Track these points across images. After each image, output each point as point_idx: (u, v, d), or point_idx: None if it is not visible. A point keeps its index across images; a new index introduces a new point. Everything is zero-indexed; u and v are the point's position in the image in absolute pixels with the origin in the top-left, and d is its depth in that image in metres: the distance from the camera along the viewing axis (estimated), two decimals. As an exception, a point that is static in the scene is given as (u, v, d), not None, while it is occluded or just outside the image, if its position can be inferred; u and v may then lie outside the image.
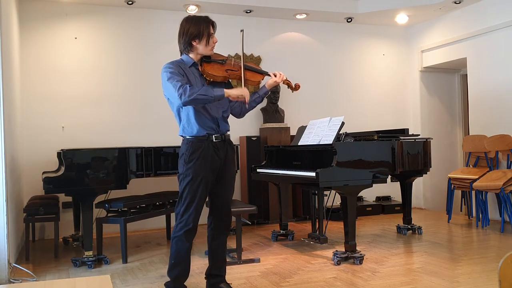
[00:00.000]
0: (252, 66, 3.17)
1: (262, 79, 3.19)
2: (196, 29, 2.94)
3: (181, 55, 3.06)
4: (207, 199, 3.08)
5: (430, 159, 4.95)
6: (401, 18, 6.81)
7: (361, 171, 4.06)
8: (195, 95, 2.78)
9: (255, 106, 3.21)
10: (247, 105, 3.04)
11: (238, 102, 3.14)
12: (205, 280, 3.22)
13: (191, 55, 3.01)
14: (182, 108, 2.96)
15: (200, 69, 3.02)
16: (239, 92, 2.93)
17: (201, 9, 6.08)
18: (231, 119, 3.23)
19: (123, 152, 4.33)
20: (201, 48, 2.97)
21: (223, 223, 3.14)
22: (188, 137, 2.98)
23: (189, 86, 2.80)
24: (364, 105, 7.11)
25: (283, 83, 3.19)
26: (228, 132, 3.12)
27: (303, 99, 6.75)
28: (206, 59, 3.05)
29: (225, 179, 3.08)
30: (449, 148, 7.33)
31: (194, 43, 2.96)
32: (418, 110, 7.23)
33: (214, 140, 2.98)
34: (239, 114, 3.23)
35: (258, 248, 4.73)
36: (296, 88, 3.30)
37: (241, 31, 3.14)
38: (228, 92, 2.90)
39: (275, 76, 3.11)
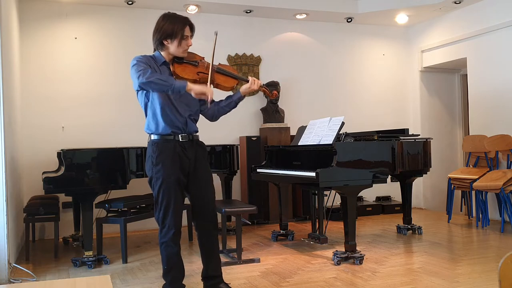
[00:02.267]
0: (226, 70, 3.03)
1: (236, 84, 3.08)
2: (170, 28, 2.86)
3: (154, 52, 2.99)
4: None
5: (430, 159, 4.95)
6: (401, 18, 6.80)
7: (361, 171, 4.06)
8: (154, 78, 2.70)
9: (228, 111, 3.10)
10: (208, 105, 2.89)
11: (211, 105, 3.04)
12: (202, 283, 3.14)
13: (162, 53, 2.93)
14: (148, 100, 2.88)
15: (171, 69, 2.94)
16: (203, 89, 2.79)
17: (201, 9, 6.08)
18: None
19: (123, 152, 4.33)
20: (172, 48, 2.89)
21: (209, 224, 3.03)
22: (153, 137, 2.91)
23: (151, 71, 2.74)
24: (364, 105, 7.11)
25: (260, 90, 3.08)
26: (197, 133, 3.03)
27: (303, 99, 6.75)
28: (178, 59, 2.95)
29: (199, 180, 2.98)
30: (449, 148, 7.33)
31: (165, 43, 2.88)
32: (418, 110, 7.23)
33: (180, 140, 2.90)
34: (212, 117, 3.12)
35: (258, 248, 4.73)
36: (273, 96, 3.24)
37: (215, 33, 2.97)
38: (190, 86, 2.76)
39: (251, 82, 2.98)
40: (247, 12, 6.33)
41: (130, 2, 5.80)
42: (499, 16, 5.86)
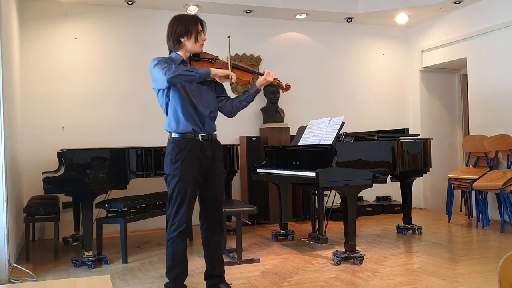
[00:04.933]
0: (241, 65, 3.16)
1: (252, 78, 3.17)
2: (184, 26, 2.95)
3: (169, 54, 3.05)
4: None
5: (430, 159, 4.95)
6: (401, 18, 6.80)
7: (361, 171, 4.06)
8: (180, 70, 2.79)
9: (246, 105, 3.18)
10: (234, 84, 3.05)
11: (229, 102, 3.14)
12: (205, 281, 3.18)
13: (180, 52, 3.00)
14: (169, 99, 2.93)
15: None
16: (227, 72, 2.92)
17: (201, 9, 6.08)
18: (227, 120, 3.22)
19: (123, 152, 4.33)
20: (189, 45, 2.97)
21: (216, 223, 3.09)
22: (174, 135, 2.96)
23: (175, 66, 2.82)
24: (364, 105, 7.11)
25: (274, 82, 3.18)
26: (215, 132, 3.08)
27: (303, 99, 6.75)
28: (195, 57, 3.05)
29: (213, 179, 3.04)
30: (449, 148, 7.33)
31: (182, 40, 2.96)
32: (418, 110, 7.23)
33: (200, 140, 2.95)
34: (230, 113, 3.18)
35: (258, 248, 4.73)
36: (286, 88, 3.31)
37: (228, 37, 3.16)
38: (214, 70, 2.89)
39: (266, 74, 3.10)
40: (247, 12, 6.33)
41: (130, 2, 5.80)
42: (499, 16, 5.86)
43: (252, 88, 3.15)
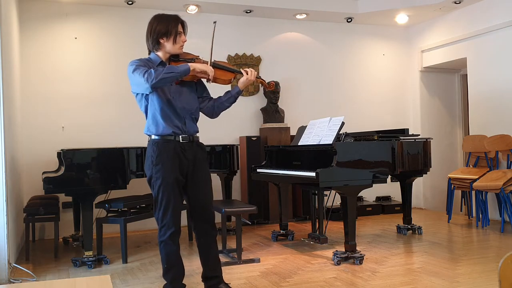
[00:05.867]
0: (222, 65, 3.07)
1: (233, 78, 3.09)
2: (163, 27, 2.90)
3: (149, 54, 3.01)
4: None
5: (430, 159, 4.95)
6: (401, 18, 6.81)
7: (361, 171, 4.06)
8: (162, 74, 2.72)
9: (228, 106, 3.10)
10: (210, 82, 2.95)
11: (210, 102, 3.07)
12: (203, 283, 3.14)
13: (159, 53, 2.95)
14: (148, 102, 2.91)
15: None
16: (205, 67, 2.87)
17: (201, 9, 6.08)
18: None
19: (123, 152, 4.34)
20: (168, 46, 2.92)
21: (207, 225, 3.04)
22: (154, 137, 2.92)
23: (154, 70, 2.76)
24: (364, 105, 7.11)
25: (256, 81, 3.11)
26: (197, 134, 3.03)
27: (303, 99, 6.75)
28: (174, 58, 2.99)
29: (197, 182, 2.98)
30: (449, 148, 7.33)
31: (161, 41, 2.91)
32: (418, 110, 7.24)
33: (181, 141, 2.90)
34: (212, 114, 3.12)
35: (258, 248, 4.73)
36: (270, 86, 3.23)
37: (214, 22, 3.04)
38: (193, 65, 2.82)
39: (247, 74, 3.02)
40: (247, 12, 6.33)
41: (130, 2, 5.80)
42: (499, 16, 5.86)
43: (234, 89, 3.07)
